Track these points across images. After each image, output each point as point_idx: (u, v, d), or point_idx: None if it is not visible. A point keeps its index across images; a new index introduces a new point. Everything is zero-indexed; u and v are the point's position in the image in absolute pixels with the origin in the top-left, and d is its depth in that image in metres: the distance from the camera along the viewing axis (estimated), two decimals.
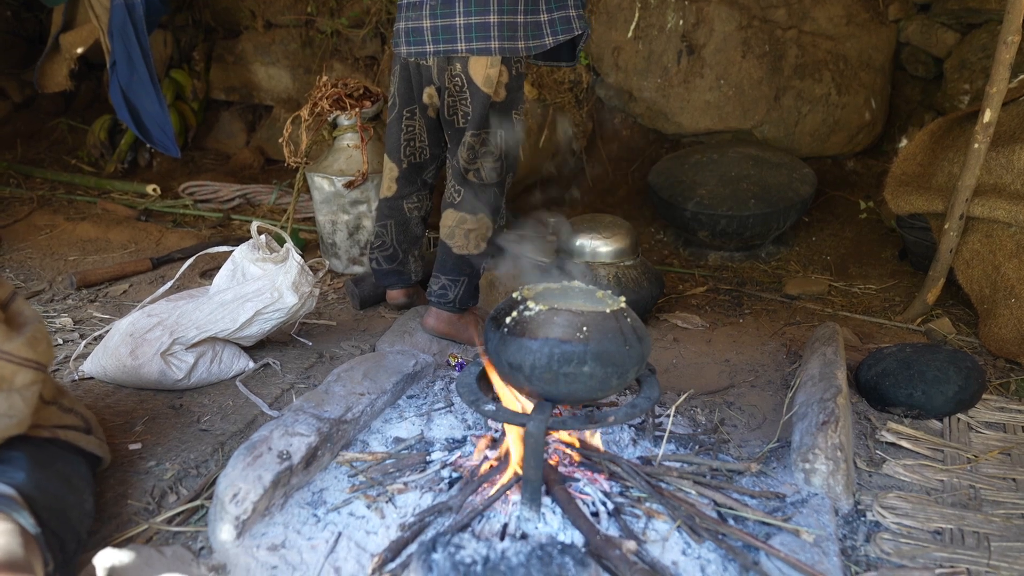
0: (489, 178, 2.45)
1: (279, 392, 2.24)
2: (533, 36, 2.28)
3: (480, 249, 2.52)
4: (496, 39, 2.25)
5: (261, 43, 5.07)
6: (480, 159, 2.42)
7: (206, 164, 5.11)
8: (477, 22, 2.24)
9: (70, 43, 4.46)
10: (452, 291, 2.53)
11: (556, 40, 2.30)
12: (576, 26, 2.32)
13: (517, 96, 2.40)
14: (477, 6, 2.23)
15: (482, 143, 2.40)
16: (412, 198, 2.70)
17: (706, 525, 1.53)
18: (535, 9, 2.27)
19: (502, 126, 2.40)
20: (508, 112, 2.40)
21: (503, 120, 2.40)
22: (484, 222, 2.49)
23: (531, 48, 2.29)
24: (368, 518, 1.58)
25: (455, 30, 2.26)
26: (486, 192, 2.47)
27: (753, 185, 3.55)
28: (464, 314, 2.57)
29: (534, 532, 1.49)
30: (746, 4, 4.00)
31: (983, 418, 2.16)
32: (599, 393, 1.58)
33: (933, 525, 1.68)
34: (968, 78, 3.77)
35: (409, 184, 2.68)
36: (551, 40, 2.30)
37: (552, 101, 4.25)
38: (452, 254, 2.51)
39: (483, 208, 2.47)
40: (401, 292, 2.82)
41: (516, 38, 2.26)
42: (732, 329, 2.83)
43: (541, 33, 2.29)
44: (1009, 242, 2.66)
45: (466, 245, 2.50)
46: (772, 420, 2.10)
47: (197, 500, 1.71)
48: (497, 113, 2.38)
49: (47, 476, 1.48)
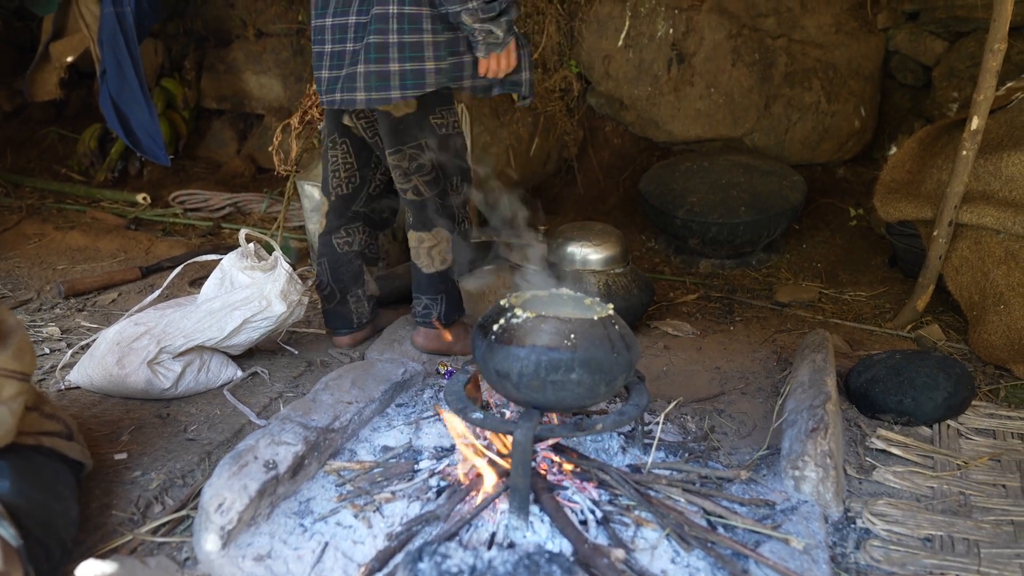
0: (428, 191, 2.35)
1: (267, 401, 2.23)
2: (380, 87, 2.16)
3: (447, 264, 2.46)
4: (363, 90, 2.15)
5: (252, 52, 5.07)
6: (412, 175, 2.33)
7: (197, 173, 5.09)
8: (346, 73, 2.18)
9: (60, 52, 4.46)
10: (435, 309, 2.49)
11: (404, 95, 2.16)
12: (430, 82, 2.16)
13: (429, 102, 2.27)
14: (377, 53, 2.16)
15: (408, 160, 2.31)
16: (341, 232, 2.58)
17: (695, 533, 1.52)
18: (384, 58, 2.13)
19: (423, 136, 2.29)
20: (424, 120, 2.28)
21: (421, 130, 2.29)
22: (441, 236, 2.42)
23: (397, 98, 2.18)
24: (355, 527, 1.57)
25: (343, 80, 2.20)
26: (430, 206, 2.38)
27: (743, 193, 3.56)
28: (452, 327, 2.53)
29: (522, 541, 1.48)
30: (736, 13, 4.02)
31: (973, 424, 2.16)
32: (587, 401, 1.57)
33: (923, 532, 1.68)
34: (956, 86, 3.80)
35: (338, 217, 2.57)
36: (399, 94, 2.15)
37: (543, 109, 4.26)
38: (423, 274, 2.47)
39: (435, 222, 2.40)
40: (347, 338, 2.64)
41: (388, 88, 2.15)
42: (723, 336, 2.83)
43: (388, 86, 2.15)
44: (998, 249, 2.67)
45: (432, 263, 2.44)
46: (762, 427, 2.10)
47: (183, 510, 1.70)
48: (410, 126, 2.27)
49: (32, 484, 1.47)
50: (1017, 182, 2.68)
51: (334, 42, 2.21)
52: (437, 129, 2.31)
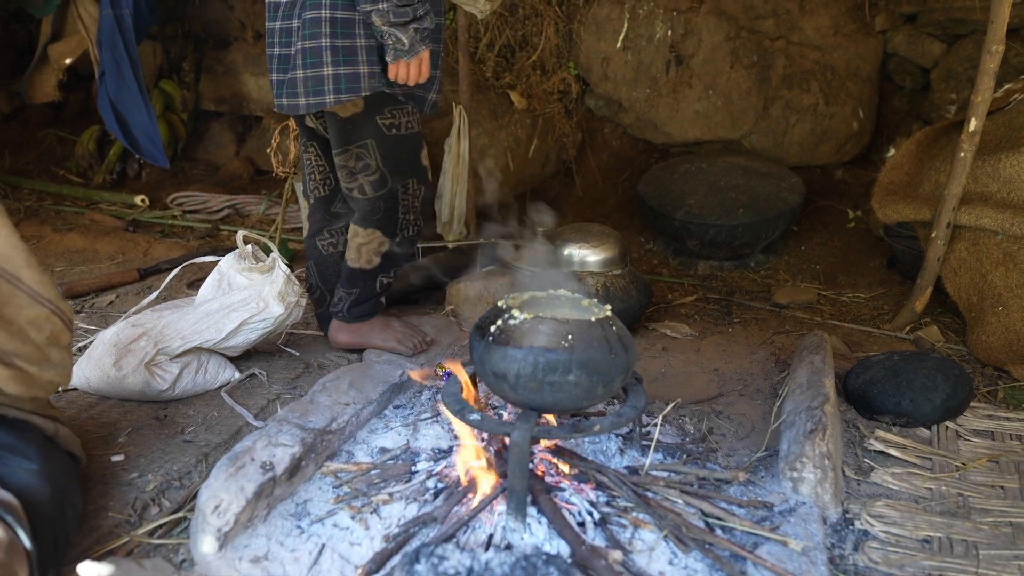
0: (373, 191, 2.33)
1: (265, 403, 2.22)
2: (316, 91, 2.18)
3: (372, 264, 2.42)
4: (303, 95, 2.18)
5: (251, 54, 5.07)
6: (358, 175, 2.32)
7: (195, 175, 5.09)
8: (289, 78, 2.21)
9: (59, 54, 4.45)
10: (345, 302, 2.47)
11: (339, 99, 2.16)
12: (364, 86, 2.16)
13: (376, 103, 2.25)
14: (284, 63, 2.22)
15: (354, 159, 2.30)
16: (323, 234, 2.59)
17: (693, 535, 1.52)
18: (319, 63, 2.14)
19: (369, 136, 2.27)
20: (370, 121, 2.25)
21: (367, 130, 2.27)
22: (374, 236, 2.39)
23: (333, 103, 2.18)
24: (352, 529, 1.56)
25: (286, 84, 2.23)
26: (370, 205, 2.36)
27: (742, 195, 3.56)
28: (367, 323, 2.49)
29: (519, 543, 1.48)
30: (734, 15, 4.02)
31: (971, 426, 2.15)
32: (585, 402, 1.57)
33: (921, 533, 1.67)
34: (954, 88, 3.80)
35: (319, 220, 2.58)
36: (333, 98, 2.16)
37: (541, 111, 4.26)
38: (348, 267, 2.45)
39: (372, 222, 2.37)
40: None
41: (323, 92, 2.17)
42: (721, 338, 2.83)
43: (322, 89, 2.16)
44: (996, 250, 2.67)
45: (358, 259, 2.42)
46: (761, 429, 2.10)
47: (180, 512, 1.69)
48: (357, 126, 2.26)
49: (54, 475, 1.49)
50: (1015, 184, 2.68)
51: (281, 46, 2.23)
52: (385, 129, 2.28)
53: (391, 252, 2.43)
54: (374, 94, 2.20)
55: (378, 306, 2.52)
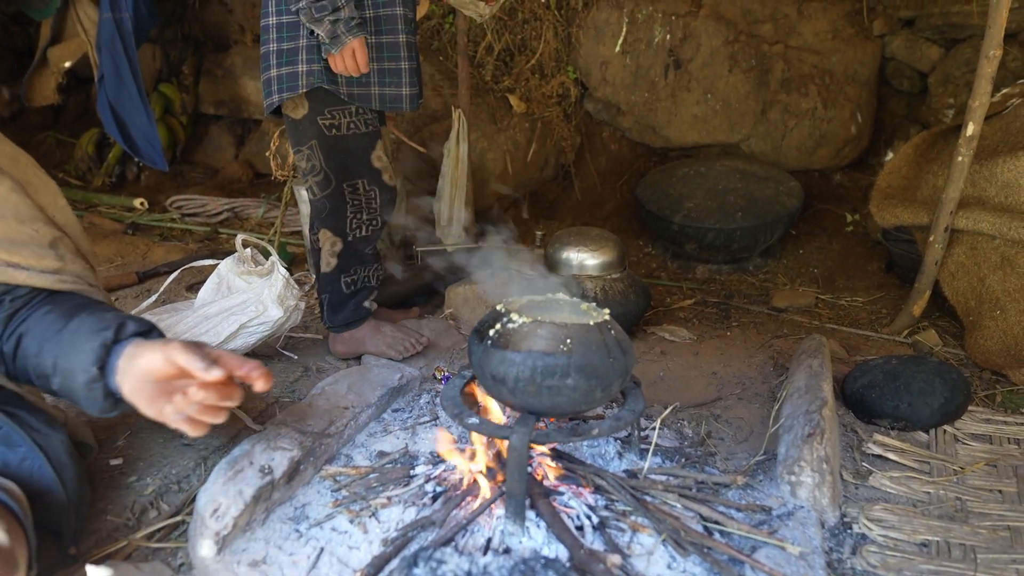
0: (318, 192, 2.37)
1: (263, 406, 2.23)
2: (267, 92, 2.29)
3: (331, 265, 2.44)
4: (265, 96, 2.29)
5: (250, 57, 5.07)
6: (308, 176, 2.37)
7: (194, 178, 5.10)
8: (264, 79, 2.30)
9: (58, 57, 4.46)
10: (324, 310, 2.50)
11: (281, 98, 2.25)
12: (302, 83, 2.23)
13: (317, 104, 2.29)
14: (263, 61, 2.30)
15: (304, 160, 2.35)
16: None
17: (691, 539, 1.52)
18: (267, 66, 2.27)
19: (313, 137, 2.31)
20: (312, 122, 2.30)
21: (310, 131, 2.31)
22: (326, 237, 2.41)
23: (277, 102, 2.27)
24: (351, 533, 1.57)
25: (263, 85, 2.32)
26: (318, 206, 2.39)
27: (740, 198, 3.57)
28: (356, 330, 2.51)
29: (518, 546, 1.48)
30: (732, 19, 4.03)
31: (969, 430, 2.16)
32: (583, 406, 1.57)
33: (919, 537, 1.68)
34: (952, 92, 3.81)
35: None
36: (277, 98, 2.26)
37: (540, 115, 4.27)
38: (319, 271, 2.49)
39: (321, 222, 2.41)
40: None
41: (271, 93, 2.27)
42: (720, 342, 2.83)
43: (270, 91, 2.28)
44: (993, 254, 2.67)
45: (325, 264, 2.45)
46: (759, 432, 2.10)
47: (178, 516, 1.69)
48: (303, 127, 2.31)
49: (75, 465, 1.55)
50: (1012, 188, 2.69)
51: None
52: (325, 130, 2.31)
53: (345, 252, 2.44)
54: (317, 96, 2.27)
55: (360, 312, 2.52)
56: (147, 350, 1.35)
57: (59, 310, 1.46)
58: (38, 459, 1.48)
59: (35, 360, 1.43)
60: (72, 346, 1.38)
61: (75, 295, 1.54)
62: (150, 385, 1.34)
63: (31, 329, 1.45)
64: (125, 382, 1.36)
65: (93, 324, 1.41)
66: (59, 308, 1.47)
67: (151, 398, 1.34)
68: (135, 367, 1.34)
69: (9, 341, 1.46)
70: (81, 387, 1.37)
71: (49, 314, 1.45)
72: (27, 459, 1.48)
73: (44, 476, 1.48)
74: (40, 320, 1.45)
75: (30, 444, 1.48)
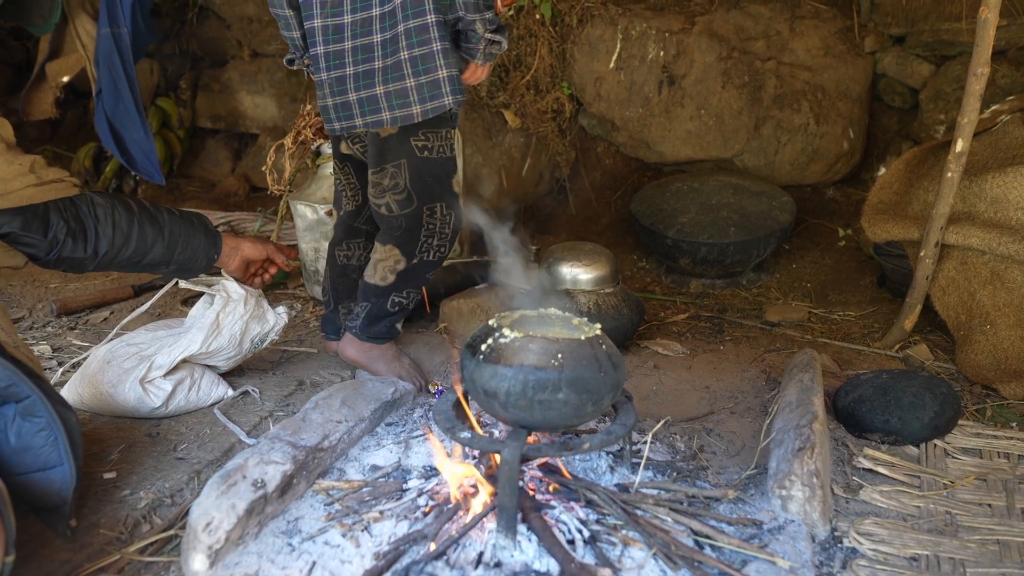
0: (396, 210, 2.32)
1: (257, 420, 2.23)
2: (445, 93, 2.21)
3: (387, 281, 2.39)
4: (387, 109, 2.18)
5: (247, 72, 5.11)
6: (387, 192, 2.31)
7: (191, 192, 5.12)
8: (367, 96, 2.19)
9: (56, 71, 4.48)
10: (360, 317, 2.46)
11: (457, 101, 2.21)
12: (446, 92, 2.19)
13: (410, 127, 2.25)
14: (365, 79, 2.19)
15: (389, 177, 2.30)
16: (343, 245, 2.63)
17: (682, 553, 1.53)
18: (400, 76, 2.17)
19: (403, 157, 2.27)
20: (405, 141, 2.25)
21: (401, 151, 2.26)
22: (392, 253, 2.37)
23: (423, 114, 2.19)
24: (343, 547, 1.57)
25: (351, 106, 2.23)
26: (393, 223, 2.35)
27: (733, 213, 3.59)
28: (379, 347, 2.48)
29: (509, 560, 1.49)
30: (726, 36, 4.07)
31: (959, 444, 2.17)
32: (574, 420, 1.58)
33: (909, 551, 1.69)
34: (943, 108, 3.85)
35: (344, 231, 2.63)
36: (451, 101, 2.20)
37: (535, 130, 4.30)
38: (364, 282, 2.45)
39: (391, 239, 2.36)
40: (332, 344, 2.70)
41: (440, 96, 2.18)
42: (713, 356, 2.85)
43: (439, 93, 2.19)
44: (983, 269, 2.70)
45: (373, 274, 2.41)
46: (751, 447, 2.11)
47: (171, 529, 1.69)
48: (393, 145, 2.26)
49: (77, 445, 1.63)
50: (1001, 203, 2.71)
51: (328, 69, 2.23)
52: (417, 151, 2.27)
53: (407, 272, 2.39)
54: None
55: (393, 332, 2.50)
56: (245, 244, 2.22)
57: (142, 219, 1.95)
58: (56, 431, 1.54)
59: (136, 258, 1.96)
60: (187, 246, 2.05)
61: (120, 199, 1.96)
62: (247, 264, 2.25)
63: (106, 235, 1.89)
64: (231, 262, 2.19)
65: (193, 228, 2.07)
66: (139, 218, 1.95)
67: (245, 271, 2.26)
68: (240, 255, 2.21)
69: (77, 247, 1.85)
70: (200, 268, 2.12)
71: (135, 225, 1.94)
72: (44, 430, 1.54)
73: (56, 450, 1.54)
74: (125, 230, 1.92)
75: (52, 415, 1.54)
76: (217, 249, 2.12)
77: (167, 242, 1.99)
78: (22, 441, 1.51)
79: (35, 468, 1.53)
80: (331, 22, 2.20)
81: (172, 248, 2.01)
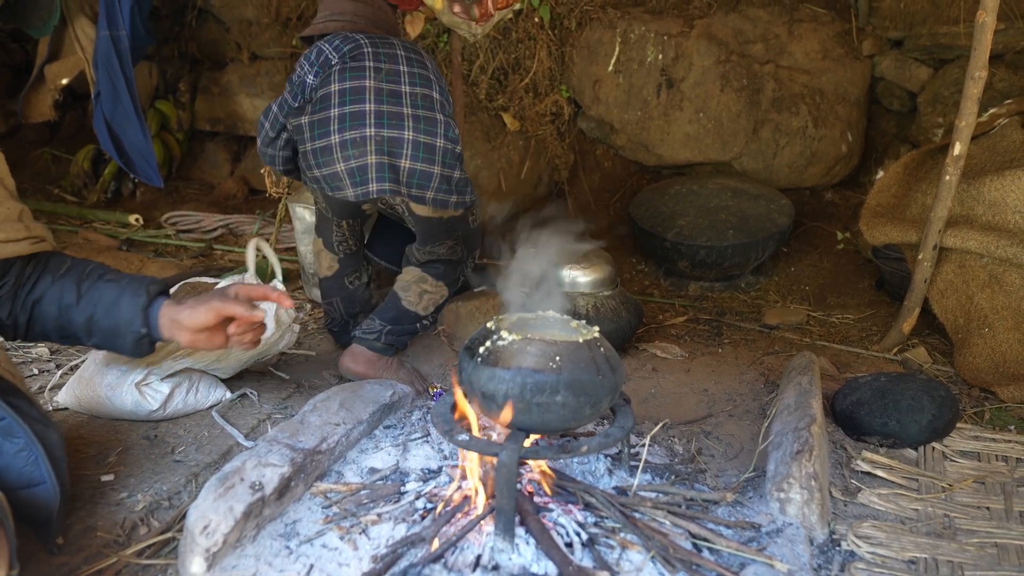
0: (447, 260, 2.58)
1: (256, 423, 2.23)
2: (459, 192, 2.50)
3: (427, 311, 2.58)
4: (434, 190, 2.41)
5: (246, 75, 5.11)
6: (442, 255, 2.56)
7: (190, 194, 5.11)
8: (422, 169, 2.38)
9: (55, 74, 4.48)
10: (381, 333, 2.53)
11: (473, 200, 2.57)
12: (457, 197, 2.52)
13: (471, 203, 2.53)
14: (425, 152, 2.39)
15: (447, 249, 2.55)
16: (351, 274, 2.79)
17: (680, 556, 1.52)
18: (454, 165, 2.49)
19: (461, 229, 2.55)
20: (465, 219, 2.54)
21: (462, 226, 2.55)
22: (442, 290, 2.59)
23: (458, 204, 2.48)
24: (341, 550, 1.57)
25: (399, 171, 2.39)
26: (448, 266, 2.59)
27: (732, 216, 3.60)
28: (387, 357, 2.55)
29: (507, 563, 1.48)
30: (724, 39, 4.08)
31: (957, 447, 2.17)
32: (572, 423, 1.58)
33: (908, 554, 1.68)
34: (941, 112, 3.86)
35: (348, 265, 2.79)
36: (470, 198, 2.56)
37: (534, 133, 4.30)
38: (399, 306, 2.55)
39: (444, 277, 2.58)
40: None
41: (450, 192, 2.44)
42: (711, 359, 2.85)
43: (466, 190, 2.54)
44: (982, 272, 2.70)
45: (417, 303, 2.55)
46: (749, 449, 2.11)
47: (168, 532, 1.69)
48: (454, 223, 2.52)
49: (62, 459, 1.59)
50: (999, 207, 2.72)
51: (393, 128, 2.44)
52: (471, 224, 2.59)
53: (443, 304, 2.66)
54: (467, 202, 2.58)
55: (401, 343, 2.61)
56: (190, 310, 1.67)
57: (69, 278, 1.68)
58: (35, 451, 1.52)
59: (59, 323, 1.67)
60: (109, 312, 1.67)
61: (62, 257, 1.74)
62: (205, 332, 1.70)
63: (46, 295, 1.66)
64: (180, 334, 1.68)
65: (120, 292, 1.69)
66: (67, 276, 1.68)
67: (209, 340, 1.71)
68: (188, 323, 1.67)
69: (24, 311, 1.65)
70: (130, 343, 1.70)
71: (62, 282, 1.67)
72: (24, 450, 1.51)
73: (38, 468, 1.51)
74: (54, 289, 1.67)
75: (30, 436, 1.52)
76: (145, 324, 1.69)
77: (82, 306, 1.68)
78: (3, 459, 1.49)
79: (20, 486, 1.51)
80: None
81: (88, 314, 1.68)
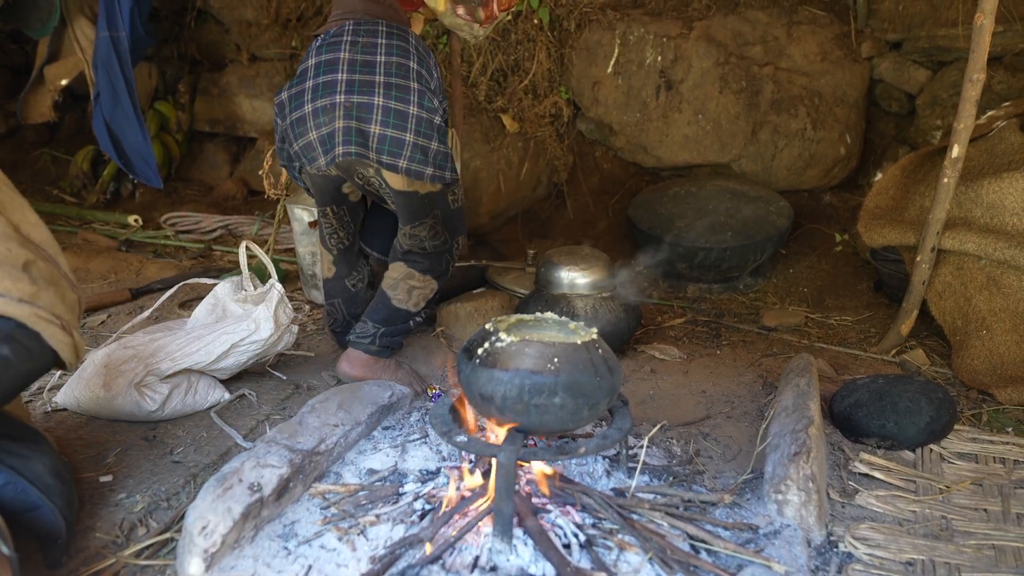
0: (434, 248, 2.51)
1: (254, 423, 2.23)
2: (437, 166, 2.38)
3: (419, 307, 2.55)
4: (406, 159, 2.31)
5: (246, 76, 5.11)
6: (425, 240, 2.48)
7: (189, 195, 5.11)
8: (393, 136, 2.29)
9: (55, 75, 4.48)
10: (375, 335, 2.50)
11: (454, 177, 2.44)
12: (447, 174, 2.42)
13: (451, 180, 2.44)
14: (396, 119, 2.29)
15: (427, 229, 2.46)
16: (352, 275, 2.76)
17: (677, 557, 1.53)
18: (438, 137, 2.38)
19: (440, 209, 2.46)
20: (444, 197, 2.45)
21: (441, 205, 2.46)
22: (430, 284, 2.54)
23: (435, 178, 2.36)
24: (339, 551, 1.57)
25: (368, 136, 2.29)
26: (432, 258, 2.52)
27: (730, 218, 3.60)
28: (384, 360, 2.52)
29: (505, 564, 1.49)
30: (723, 41, 4.08)
31: (955, 449, 2.17)
32: (570, 424, 1.58)
33: (905, 556, 1.69)
34: (940, 114, 3.86)
35: (346, 264, 2.74)
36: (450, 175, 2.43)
37: (533, 134, 4.30)
38: (390, 305, 2.51)
39: (431, 271, 2.52)
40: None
41: (425, 163, 2.34)
42: (709, 360, 2.85)
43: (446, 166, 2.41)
44: (979, 275, 2.70)
45: (407, 300, 2.51)
46: (747, 451, 2.11)
47: (167, 533, 1.69)
48: (433, 201, 2.44)
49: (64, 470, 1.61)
50: (997, 209, 2.72)
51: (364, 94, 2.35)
52: (451, 204, 2.50)
53: (435, 298, 2.60)
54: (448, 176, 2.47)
55: (396, 344, 2.58)
56: None
57: None
58: (20, 483, 1.51)
59: None
60: None
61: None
62: None
63: None
64: None
65: None
66: None
67: None
68: None
69: None
70: None
71: None
72: (9, 484, 1.51)
73: (30, 496, 1.51)
74: None
75: (8, 474, 1.51)
76: None
77: None
78: None
79: (22, 510, 1.51)
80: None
81: None
